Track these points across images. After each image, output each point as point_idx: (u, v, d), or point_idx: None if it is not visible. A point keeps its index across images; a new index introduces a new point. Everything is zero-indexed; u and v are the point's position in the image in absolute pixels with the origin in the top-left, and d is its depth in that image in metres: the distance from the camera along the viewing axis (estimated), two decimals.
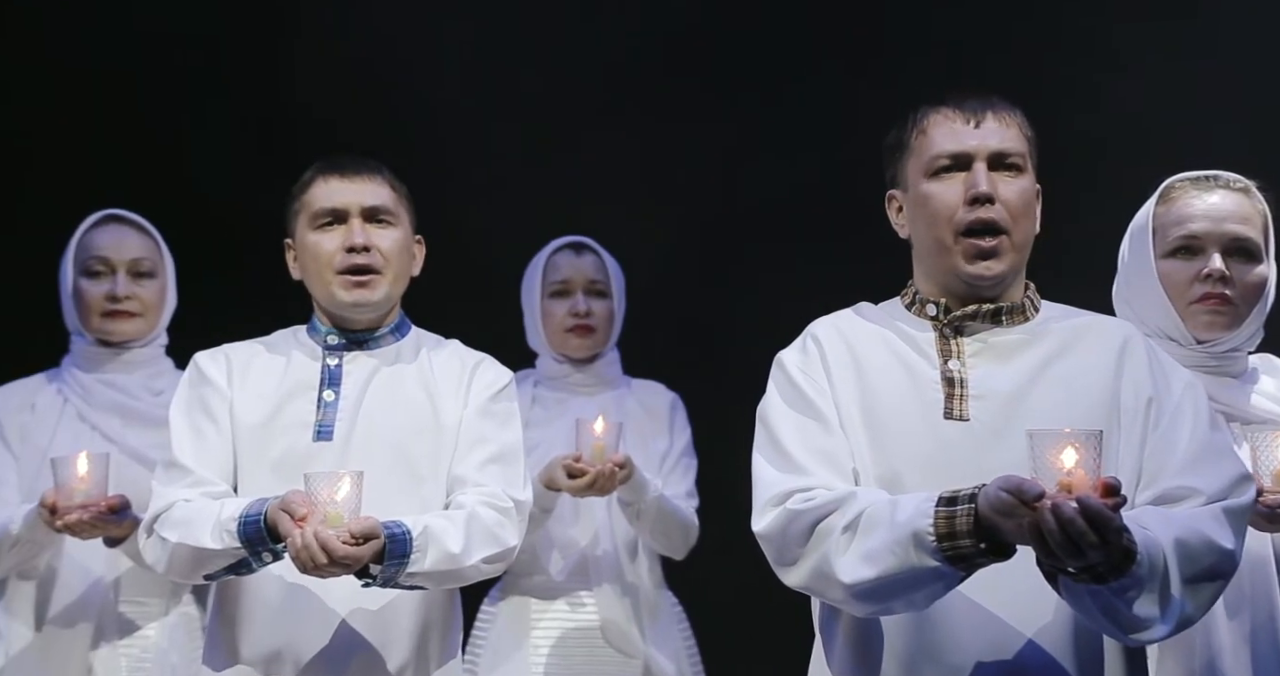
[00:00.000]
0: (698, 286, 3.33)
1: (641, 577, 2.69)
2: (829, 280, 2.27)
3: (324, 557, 1.79)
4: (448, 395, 2.06)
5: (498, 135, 3.34)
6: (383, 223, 2.07)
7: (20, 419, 2.48)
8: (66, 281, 2.55)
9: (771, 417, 1.70)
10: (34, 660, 2.39)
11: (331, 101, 3.24)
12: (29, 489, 2.42)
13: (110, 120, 3.21)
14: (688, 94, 3.37)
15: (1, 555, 2.36)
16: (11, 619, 2.41)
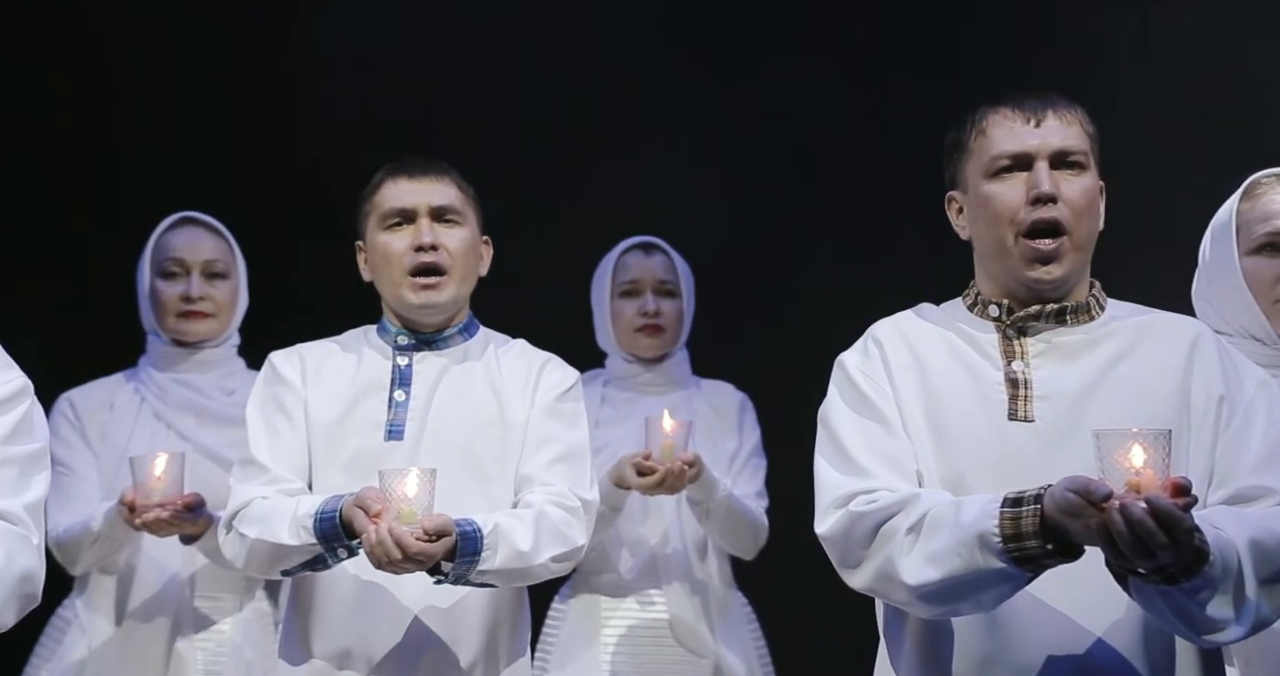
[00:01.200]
0: (763, 287, 3.32)
1: (711, 577, 2.69)
2: (890, 281, 2.26)
3: (398, 553, 1.82)
4: (515, 394, 2.08)
5: (560, 136, 3.36)
6: (450, 222, 2.09)
7: (100, 417, 2.54)
8: (143, 283, 2.61)
9: (833, 420, 1.70)
10: (115, 653, 2.45)
11: (381, 102, 3.27)
12: (108, 486, 2.48)
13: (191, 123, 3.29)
14: (745, 92, 3.36)
15: (83, 551, 2.42)
16: (93, 613, 2.48)
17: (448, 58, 3.34)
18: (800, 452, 1.83)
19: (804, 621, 2.99)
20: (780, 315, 3.27)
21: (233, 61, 3.26)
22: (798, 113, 3.33)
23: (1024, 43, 3.16)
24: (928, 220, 1.94)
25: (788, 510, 2.50)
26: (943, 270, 1.87)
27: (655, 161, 3.32)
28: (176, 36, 3.26)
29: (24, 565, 1.47)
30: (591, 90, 3.37)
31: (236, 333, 2.66)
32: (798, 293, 3.27)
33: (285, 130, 3.25)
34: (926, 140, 1.90)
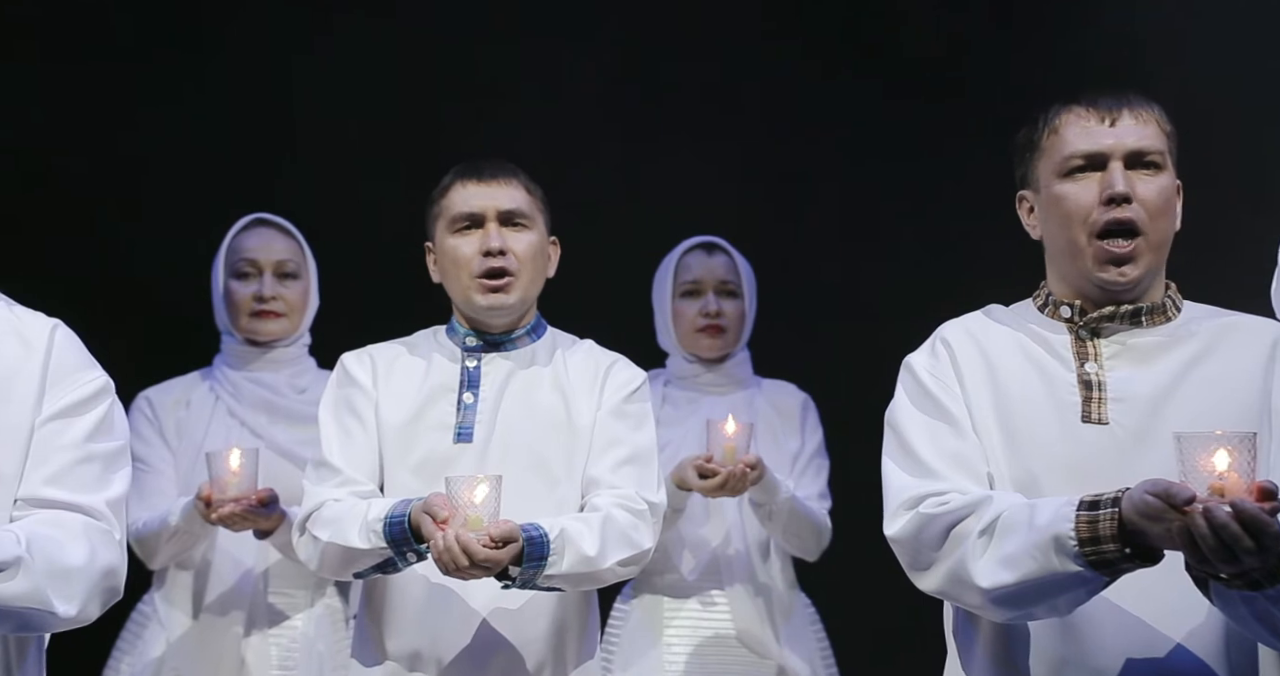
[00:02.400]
0: (828, 287, 3.30)
1: (774, 578, 2.68)
2: (958, 282, 2.24)
3: (465, 560, 1.83)
4: (581, 396, 2.08)
5: (621, 133, 3.37)
6: (518, 226, 2.10)
7: (177, 415, 2.58)
8: (218, 283, 2.65)
9: (901, 421, 1.69)
10: (192, 647, 2.49)
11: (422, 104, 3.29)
12: (185, 482, 2.52)
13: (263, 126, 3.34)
14: (806, 88, 3.35)
15: (161, 545, 2.47)
16: (171, 607, 2.52)
17: (496, 55, 3.35)
18: (865, 453, 1.83)
19: (869, 624, 2.97)
20: (845, 315, 3.26)
21: (297, 59, 3.30)
22: (863, 109, 3.31)
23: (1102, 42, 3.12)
24: (998, 220, 1.92)
25: (852, 511, 2.50)
26: (1013, 270, 1.85)
27: (717, 159, 3.32)
28: (269, 37, 3.29)
29: (107, 560, 1.50)
30: (651, 86, 3.37)
31: (307, 332, 2.69)
32: (863, 292, 3.25)
33: (353, 130, 3.28)
34: (997, 137, 1.88)
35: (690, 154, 3.33)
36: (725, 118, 3.37)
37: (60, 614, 1.44)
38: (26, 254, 2.95)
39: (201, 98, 3.28)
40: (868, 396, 1.95)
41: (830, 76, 3.35)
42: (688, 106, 3.39)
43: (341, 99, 3.32)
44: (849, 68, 3.35)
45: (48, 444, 1.52)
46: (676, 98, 3.39)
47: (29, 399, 1.52)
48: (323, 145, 3.26)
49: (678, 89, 3.39)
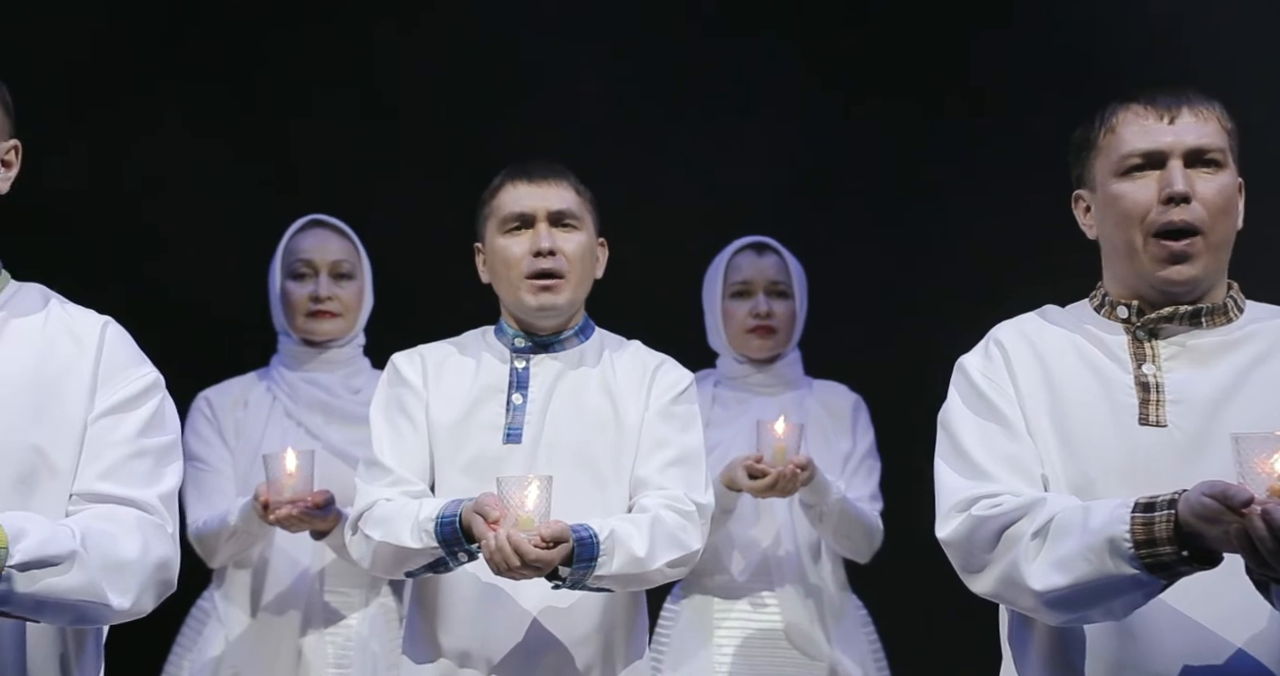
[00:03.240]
0: (880, 288, 3.28)
1: (825, 580, 2.67)
2: (1012, 282, 2.21)
3: (516, 560, 1.83)
4: (629, 397, 2.08)
5: (670, 132, 3.36)
6: (568, 227, 2.11)
7: (235, 415, 2.61)
8: (275, 283, 2.68)
9: (954, 423, 1.67)
10: (250, 645, 2.52)
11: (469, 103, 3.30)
12: (243, 481, 2.55)
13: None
14: (858, 84, 3.33)
15: (220, 544, 2.50)
16: (230, 605, 2.56)
17: (541, 56, 3.36)
18: (917, 455, 1.81)
19: (922, 626, 2.95)
20: (897, 316, 3.23)
21: (349, 61, 3.33)
22: (913, 107, 3.29)
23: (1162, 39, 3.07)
24: (1052, 219, 1.89)
25: (904, 513, 2.47)
26: (1069, 271, 1.82)
27: (767, 157, 3.30)
28: (319, 41, 3.33)
29: (160, 553, 1.52)
30: (700, 84, 3.36)
31: (362, 332, 2.71)
32: (916, 293, 3.23)
33: (406, 132, 3.30)
34: (1051, 136, 1.85)
35: (740, 151, 3.32)
36: (776, 115, 3.35)
37: (115, 606, 1.46)
38: (79, 251, 2.99)
39: (253, 99, 3.31)
40: (920, 398, 1.93)
41: (882, 73, 3.32)
42: (740, 104, 3.37)
43: (393, 99, 3.34)
44: (897, 66, 3.32)
45: (101, 439, 1.54)
46: (725, 95, 3.39)
47: (82, 395, 1.54)
48: (376, 146, 3.28)
49: (725, 87, 3.38)
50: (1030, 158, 2.57)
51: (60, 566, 1.41)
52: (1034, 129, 2.90)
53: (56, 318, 1.59)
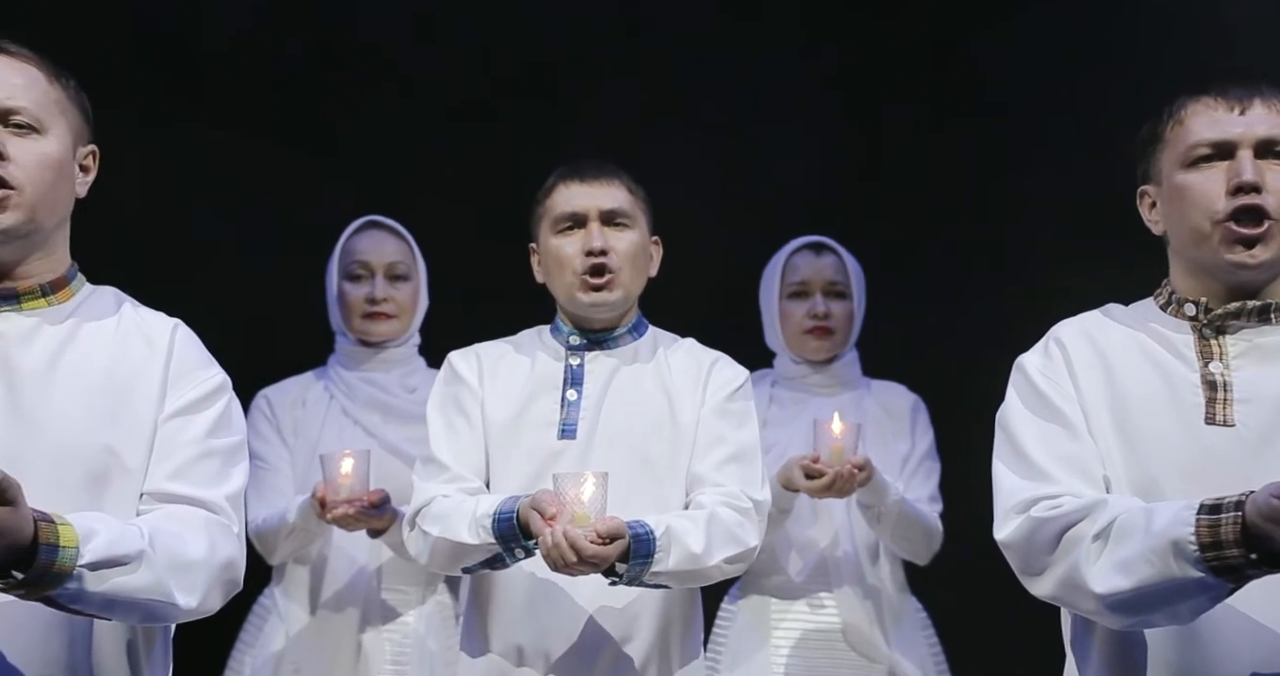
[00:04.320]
0: (937, 287, 3.25)
1: (883, 581, 2.65)
2: (1073, 281, 2.18)
3: (573, 556, 1.84)
4: (684, 394, 2.09)
5: (728, 132, 3.35)
6: (620, 225, 2.12)
7: (294, 414, 2.64)
8: (332, 285, 2.71)
9: (1013, 423, 1.65)
10: (310, 641, 2.55)
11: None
12: (302, 479, 2.58)
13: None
14: (925, 81, 3.30)
15: (280, 541, 2.53)
16: (290, 602, 2.58)
17: (612, 58, 3.37)
18: (977, 455, 1.79)
19: (982, 628, 2.91)
20: (956, 315, 3.20)
21: (400, 62, 3.35)
22: (977, 102, 3.26)
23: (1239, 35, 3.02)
24: (1114, 217, 1.87)
25: (964, 514, 2.45)
26: (1132, 269, 1.79)
27: (823, 156, 3.28)
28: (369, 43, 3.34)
29: (227, 552, 1.54)
30: (759, 82, 3.35)
31: (417, 332, 2.73)
32: (976, 292, 3.19)
33: (461, 133, 3.32)
34: (1113, 129, 1.82)
35: (797, 150, 3.30)
36: (834, 114, 3.33)
37: (182, 605, 1.48)
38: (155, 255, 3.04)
39: (306, 102, 3.35)
40: (979, 398, 1.91)
41: (946, 69, 3.29)
42: (790, 101, 3.36)
43: (447, 100, 3.36)
44: (950, 60, 3.29)
45: (170, 440, 1.56)
46: (781, 94, 3.37)
47: (152, 396, 1.57)
48: (431, 146, 3.30)
49: (773, 84, 3.37)
50: (1093, 152, 2.54)
51: (129, 565, 1.43)
52: (1093, 123, 2.87)
53: (129, 320, 1.62)
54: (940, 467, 2.70)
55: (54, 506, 1.41)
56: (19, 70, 1.56)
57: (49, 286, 1.59)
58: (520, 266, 2.21)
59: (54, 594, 1.40)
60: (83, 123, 1.62)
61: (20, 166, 1.53)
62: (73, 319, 1.59)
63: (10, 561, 1.37)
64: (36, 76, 1.57)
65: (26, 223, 1.55)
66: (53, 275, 1.60)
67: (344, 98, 3.34)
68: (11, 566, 1.37)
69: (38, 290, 1.58)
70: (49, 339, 1.56)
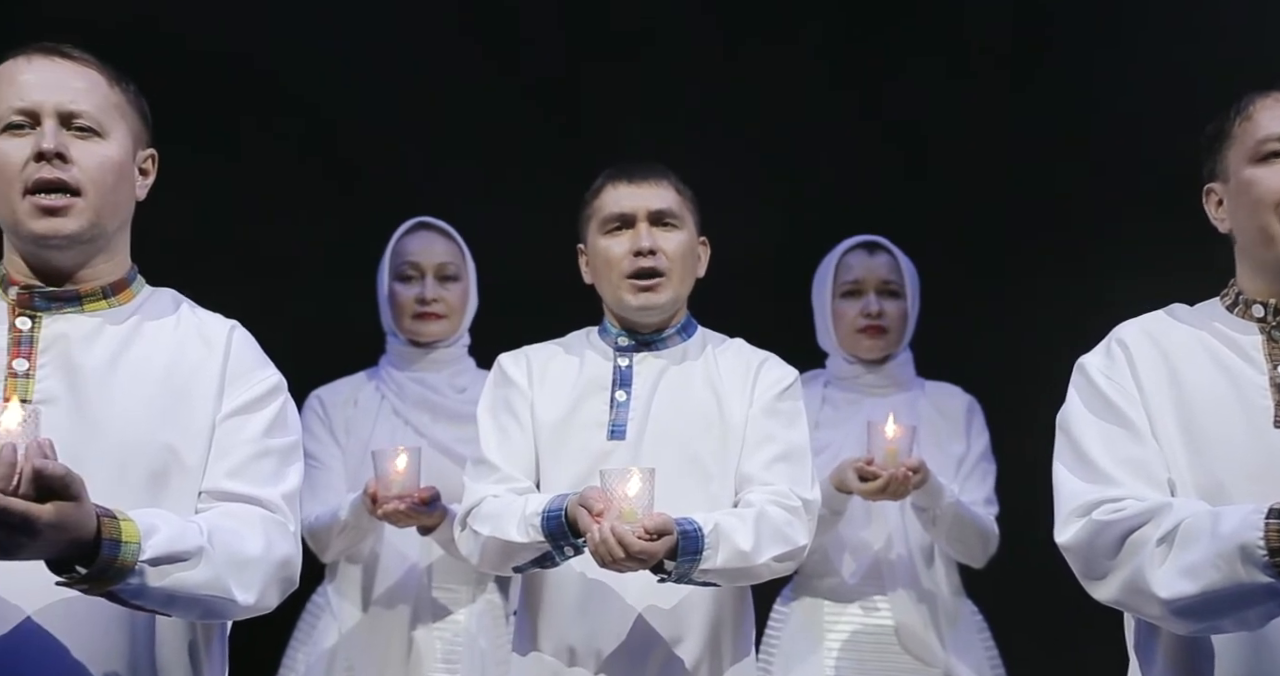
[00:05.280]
0: (994, 287, 3.22)
1: (939, 584, 2.62)
2: (1134, 281, 2.15)
3: (621, 552, 1.84)
4: (733, 394, 2.08)
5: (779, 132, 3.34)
6: (668, 226, 2.11)
7: (345, 413, 2.66)
8: (383, 285, 2.72)
9: (1074, 425, 1.63)
10: (363, 639, 2.57)
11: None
12: (354, 478, 2.59)
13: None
14: (968, 81, 3.27)
15: (332, 539, 2.54)
16: (343, 600, 2.60)
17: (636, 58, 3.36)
18: (1033, 457, 1.77)
19: (1041, 633, 2.88)
20: (1012, 315, 3.16)
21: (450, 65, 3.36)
22: (1022, 99, 3.22)
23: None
24: (1175, 217, 1.84)
25: (1021, 517, 2.42)
26: (1196, 269, 1.76)
27: (878, 155, 3.26)
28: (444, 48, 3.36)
29: (283, 551, 1.55)
30: (805, 78, 3.33)
31: (467, 332, 2.75)
32: (1033, 291, 3.15)
33: (510, 134, 3.32)
34: (1170, 131, 1.80)
35: (847, 149, 3.29)
36: (886, 113, 3.31)
37: (240, 601, 1.50)
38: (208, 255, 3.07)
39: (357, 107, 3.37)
40: (1037, 399, 1.89)
41: (1007, 66, 3.26)
42: (844, 100, 3.34)
43: (495, 102, 3.37)
44: (1019, 60, 3.26)
45: (227, 439, 1.58)
46: (829, 90, 3.36)
47: (210, 396, 1.58)
48: (480, 148, 3.31)
49: (830, 82, 3.35)
50: (1149, 152, 2.51)
51: (188, 562, 1.44)
52: (1152, 124, 2.83)
53: (187, 321, 1.64)
54: (996, 469, 2.68)
55: (115, 503, 1.43)
56: (81, 74, 1.58)
57: (110, 288, 1.61)
58: (569, 267, 2.21)
59: (116, 589, 1.42)
60: (142, 126, 1.64)
61: (83, 170, 1.55)
62: (133, 320, 1.61)
63: (74, 556, 1.39)
64: (98, 80, 1.59)
65: (90, 226, 1.57)
66: (114, 277, 1.62)
67: (406, 96, 3.35)
68: (76, 561, 1.39)
69: (99, 292, 1.60)
70: (110, 339, 1.58)
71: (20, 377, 1.53)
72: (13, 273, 1.59)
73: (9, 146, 1.54)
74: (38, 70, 1.56)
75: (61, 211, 1.54)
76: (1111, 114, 3.13)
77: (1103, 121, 3.15)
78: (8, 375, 1.53)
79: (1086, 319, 1.81)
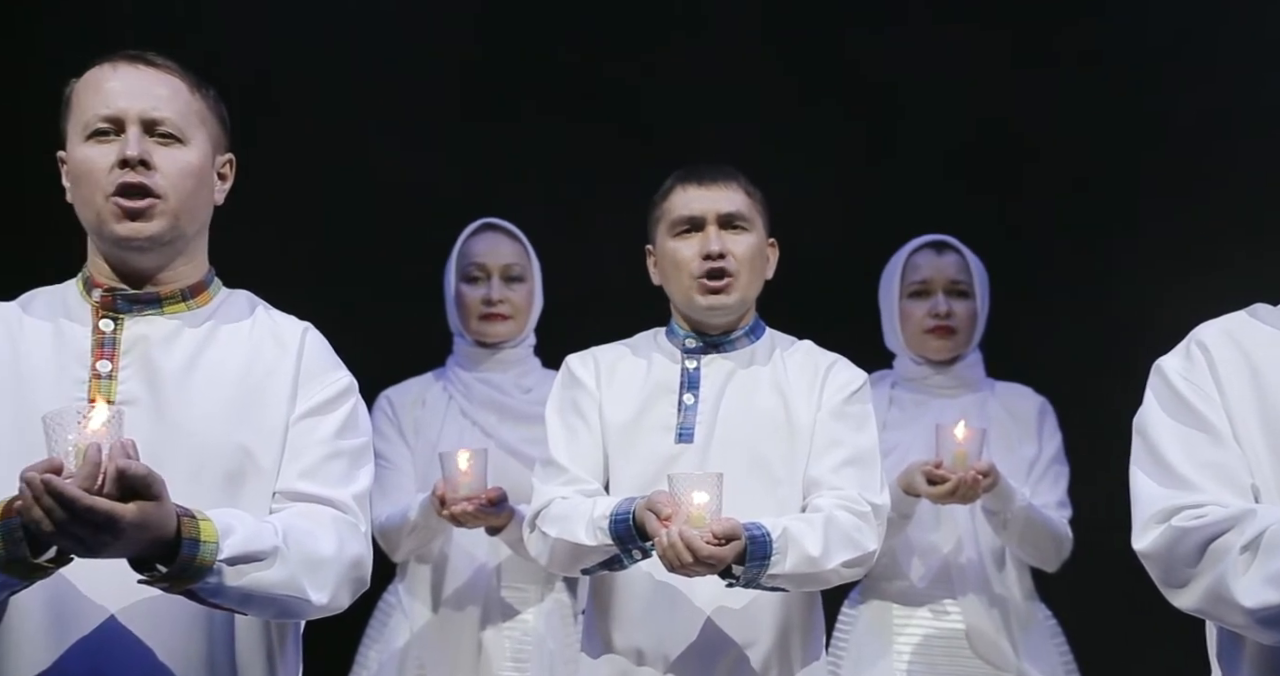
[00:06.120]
0: (1067, 286, 3.17)
1: (1010, 588, 2.59)
2: (1214, 280, 2.11)
3: (689, 557, 1.84)
4: (801, 396, 2.07)
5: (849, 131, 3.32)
6: (738, 228, 2.11)
7: (414, 413, 2.68)
8: (450, 286, 2.74)
9: (1152, 429, 1.59)
10: (433, 638, 2.59)
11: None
12: (422, 478, 2.61)
13: None
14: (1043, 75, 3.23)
15: (402, 539, 2.57)
16: (413, 599, 2.63)
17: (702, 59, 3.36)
18: (1108, 460, 1.74)
19: (1117, 638, 2.83)
20: (1086, 315, 3.12)
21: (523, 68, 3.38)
22: (1094, 92, 3.17)
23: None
24: (1258, 216, 1.79)
25: (1095, 520, 2.38)
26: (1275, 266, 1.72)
27: (946, 152, 3.22)
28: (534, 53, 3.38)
29: (355, 551, 1.57)
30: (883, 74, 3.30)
31: (532, 333, 2.76)
32: (1108, 291, 3.10)
33: (575, 135, 3.33)
34: (1249, 132, 1.75)
35: (915, 148, 3.25)
36: (954, 111, 3.28)
37: (314, 601, 1.51)
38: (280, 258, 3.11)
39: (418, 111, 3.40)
40: (1112, 400, 1.85)
41: (1089, 64, 3.21)
42: (910, 91, 3.31)
43: (559, 104, 3.37)
44: (1077, 46, 3.20)
45: (300, 440, 1.60)
46: (903, 87, 3.32)
47: (284, 397, 1.61)
48: (548, 149, 3.32)
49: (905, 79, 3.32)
50: (1227, 149, 2.46)
51: (264, 561, 1.47)
52: (1232, 117, 2.77)
53: (261, 323, 1.66)
54: (1069, 472, 2.64)
55: (192, 503, 1.46)
56: (164, 82, 1.61)
57: (189, 291, 1.64)
58: (635, 267, 2.21)
59: (195, 587, 1.44)
60: (221, 131, 1.67)
61: (164, 175, 1.59)
62: (210, 322, 1.64)
63: (155, 555, 1.42)
64: (179, 87, 1.62)
65: (170, 230, 1.60)
66: (192, 280, 1.65)
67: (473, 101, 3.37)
68: (157, 560, 1.42)
69: (178, 294, 1.63)
70: (188, 341, 1.61)
71: (104, 379, 1.56)
72: (96, 275, 1.63)
73: (95, 153, 1.58)
74: (122, 77, 1.60)
75: (143, 214, 1.58)
76: (1195, 106, 3.06)
77: (1193, 117, 3.07)
78: (92, 376, 1.57)
79: (1164, 318, 1.77)
